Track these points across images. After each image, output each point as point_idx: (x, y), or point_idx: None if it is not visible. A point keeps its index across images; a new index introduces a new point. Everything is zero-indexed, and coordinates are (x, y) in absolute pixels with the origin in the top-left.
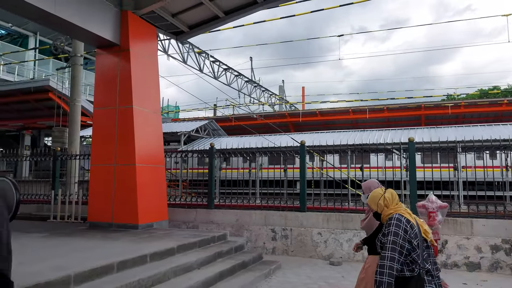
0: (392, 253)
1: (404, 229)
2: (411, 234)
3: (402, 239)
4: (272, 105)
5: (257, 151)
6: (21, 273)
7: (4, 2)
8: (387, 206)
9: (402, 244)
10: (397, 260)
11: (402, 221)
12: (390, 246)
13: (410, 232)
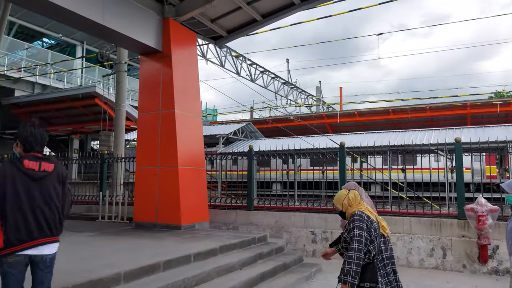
0: (359, 245)
1: (366, 224)
2: (370, 229)
3: (367, 233)
4: (309, 107)
5: (295, 153)
6: (75, 270)
7: (59, 14)
8: (350, 205)
9: (366, 237)
10: (364, 251)
11: (364, 216)
12: (356, 239)
13: (370, 226)
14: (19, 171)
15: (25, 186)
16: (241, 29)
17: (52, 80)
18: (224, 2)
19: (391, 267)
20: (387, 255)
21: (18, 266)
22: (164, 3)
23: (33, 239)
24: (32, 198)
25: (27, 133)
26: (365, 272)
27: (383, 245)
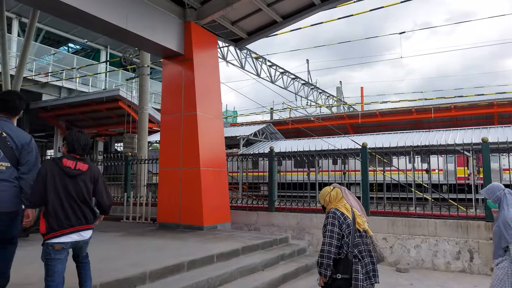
0: (330, 239)
1: (338, 220)
2: (342, 224)
3: (338, 229)
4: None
5: (316, 154)
6: (103, 269)
7: (85, 20)
8: (330, 202)
9: (337, 232)
10: (335, 245)
11: (337, 213)
12: (328, 234)
13: (343, 222)
14: (58, 167)
15: (62, 181)
16: (261, 31)
17: (78, 84)
18: (245, 4)
19: (369, 259)
20: (364, 248)
21: (63, 252)
22: (186, 7)
23: (72, 225)
24: (68, 192)
25: (73, 137)
26: (338, 265)
27: (359, 239)
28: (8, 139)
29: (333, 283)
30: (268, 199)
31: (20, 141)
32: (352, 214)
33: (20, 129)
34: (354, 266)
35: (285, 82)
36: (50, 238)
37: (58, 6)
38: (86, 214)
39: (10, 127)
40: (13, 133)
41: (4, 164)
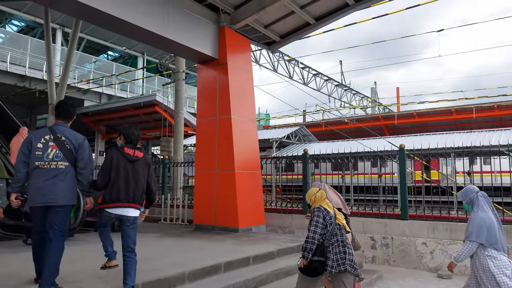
0: (315, 228)
1: (323, 214)
2: (325, 217)
3: (323, 220)
4: (364, 108)
5: (351, 156)
6: (145, 268)
7: (126, 29)
8: (316, 201)
9: (322, 222)
10: (319, 233)
11: (321, 209)
12: (314, 224)
13: (326, 216)
14: (121, 153)
15: (123, 164)
16: (294, 33)
17: (117, 90)
18: (277, 7)
19: (342, 248)
20: (341, 238)
21: (108, 219)
22: (220, 12)
23: (119, 201)
24: (126, 174)
25: (129, 131)
26: (316, 249)
27: (338, 231)
28: (67, 141)
29: (310, 264)
30: (302, 202)
31: (76, 142)
32: (333, 210)
33: (74, 131)
34: (328, 251)
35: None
36: (103, 206)
37: (101, 16)
38: (135, 194)
39: (66, 131)
40: (70, 136)
41: (64, 163)
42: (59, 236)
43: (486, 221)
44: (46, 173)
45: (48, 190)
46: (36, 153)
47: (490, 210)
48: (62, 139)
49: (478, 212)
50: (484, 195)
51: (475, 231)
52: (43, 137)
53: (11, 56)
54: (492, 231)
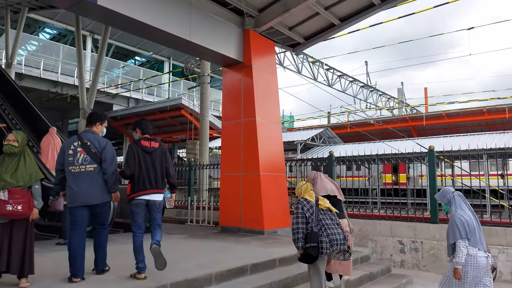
0: (296, 219)
1: (303, 205)
2: (306, 207)
3: (301, 210)
4: (390, 109)
5: (378, 158)
6: (173, 269)
7: (152, 34)
8: (301, 194)
9: (303, 214)
10: (301, 222)
11: (301, 201)
12: (295, 216)
13: (306, 205)
14: (139, 147)
15: (142, 156)
16: (318, 35)
17: (144, 94)
18: (302, 9)
19: (330, 230)
20: (326, 222)
21: (139, 206)
22: (244, 16)
23: (145, 189)
24: (146, 164)
25: (143, 123)
26: (307, 237)
27: (322, 215)
28: (92, 146)
29: (305, 251)
30: None
31: (100, 146)
32: (315, 198)
33: (99, 136)
34: (319, 236)
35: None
36: (131, 197)
37: (129, 22)
38: (157, 181)
39: (92, 136)
40: (94, 140)
41: (92, 166)
42: (103, 228)
43: (466, 219)
44: (79, 176)
45: (84, 191)
46: (69, 159)
47: (467, 209)
48: (87, 144)
49: (457, 211)
50: (460, 194)
51: (460, 229)
52: (73, 144)
53: (44, 63)
54: (471, 229)
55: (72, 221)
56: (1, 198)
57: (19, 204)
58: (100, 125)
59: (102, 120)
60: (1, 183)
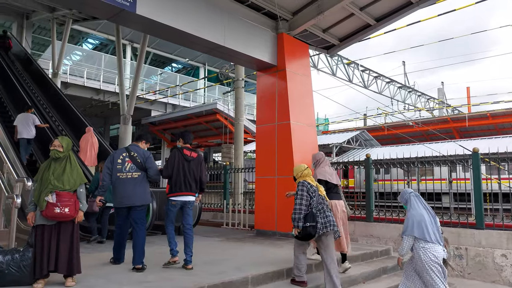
0: (301, 201)
1: (307, 188)
2: (310, 190)
3: (306, 193)
4: (430, 110)
5: (417, 161)
6: (210, 271)
7: (188, 41)
8: (301, 177)
9: (306, 196)
10: (304, 204)
11: (305, 184)
12: (299, 197)
13: (310, 189)
14: (181, 154)
15: (182, 163)
16: (353, 36)
17: (181, 100)
18: (336, 11)
19: (325, 213)
20: (323, 206)
21: (175, 206)
22: (278, 19)
23: (181, 191)
24: (184, 170)
25: (187, 135)
26: (307, 217)
27: (321, 200)
28: (138, 157)
29: (304, 230)
30: (365, 209)
31: (144, 156)
32: (316, 184)
33: (143, 149)
34: (317, 217)
35: (380, 87)
36: (170, 197)
37: (166, 30)
38: (192, 185)
39: (137, 149)
40: (139, 152)
41: (137, 173)
42: (142, 228)
43: (417, 217)
44: (126, 181)
45: (129, 194)
46: (117, 166)
47: (422, 207)
48: (134, 155)
49: (410, 210)
50: (416, 195)
51: (409, 227)
52: (121, 154)
53: (87, 71)
54: (422, 225)
55: (117, 220)
56: (50, 201)
57: (66, 207)
58: (144, 144)
59: (148, 141)
60: (49, 187)
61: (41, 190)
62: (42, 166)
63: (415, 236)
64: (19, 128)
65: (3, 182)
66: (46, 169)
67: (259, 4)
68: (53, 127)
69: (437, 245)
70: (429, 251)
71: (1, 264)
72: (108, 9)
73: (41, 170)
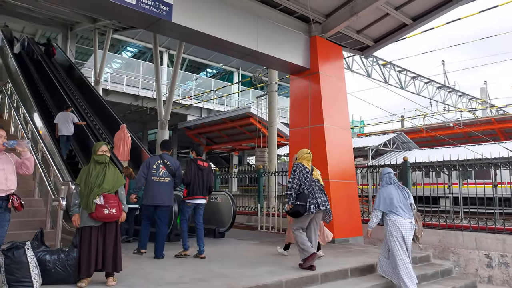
0: (292, 180)
1: (299, 169)
2: (302, 172)
3: (298, 173)
4: (473, 111)
5: (459, 164)
6: (245, 274)
7: (222, 46)
8: (299, 159)
9: (299, 176)
10: (296, 183)
11: (299, 165)
12: (292, 177)
13: (303, 171)
14: (196, 164)
15: (197, 172)
16: (389, 36)
17: (215, 105)
18: (370, 11)
19: (317, 194)
20: (315, 188)
21: (190, 207)
22: (311, 22)
23: (195, 195)
24: (199, 178)
25: (199, 148)
26: (299, 196)
27: (314, 183)
28: (170, 165)
29: (294, 207)
30: None
31: (175, 165)
32: (311, 167)
33: (173, 158)
34: (308, 197)
35: (417, 87)
36: (186, 199)
37: (201, 36)
38: (204, 190)
39: (169, 158)
40: (171, 160)
41: (168, 178)
42: (164, 225)
43: (385, 194)
44: (159, 184)
45: (159, 195)
46: (153, 171)
47: (391, 185)
48: (167, 163)
49: (381, 188)
50: (390, 176)
51: (377, 202)
52: (156, 161)
53: (126, 79)
54: (387, 201)
55: (144, 215)
56: (98, 203)
57: (113, 208)
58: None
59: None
60: (96, 189)
61: (87, 193)
62: (84, 170)
63: (382, 210)
64: (60, 125)
65: (50, 185)
66: (89, 173)
67: (292, 8)
68: (94, 131)
69: (403, 218)
70: (393, 223)
71: (48, 263)
72: (145, 19)
73: (83, 175)
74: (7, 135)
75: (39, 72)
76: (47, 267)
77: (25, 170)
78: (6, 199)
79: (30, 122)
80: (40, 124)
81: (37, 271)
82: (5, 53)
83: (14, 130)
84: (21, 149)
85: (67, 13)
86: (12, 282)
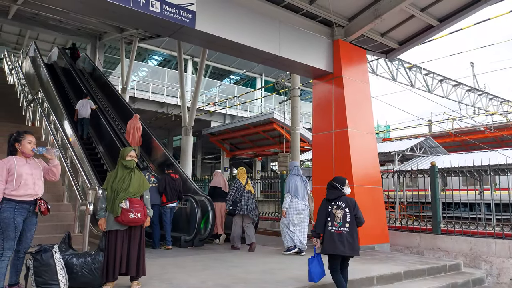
0: (230, 192)
1: (236, 184)
2: (238, 186)
3: (235, 187)
4: (504, 114)
5: (490, 169)
6: (267, 280)
7: (245, 52)
8: (238, 175)
9: (234, 189)
10: (233, 195)
11: (237, 181)
12: (231, 189)
13: (239, 185)
14: (170, 177)
15: (170, 182)
16: (414, 38)
17: (239, 111)
18: (395, 13)
19: (245, 202)
20: (245, 197)
21: (169, 209)
22: (333, 26)
23: (172, 200)
24: (172, 186)
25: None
26: (233, 203)
27: (244, 193)
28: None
29: (230, 210)
30: (432, 220)
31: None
32: (246, 182)
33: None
34: (238, 203)
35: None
36: (165, 204)
37: (224, 43)
38: (176, 196)
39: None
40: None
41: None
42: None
43: (292, 181)
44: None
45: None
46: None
47: (295, 175)
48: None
49: (288, 177)
50: (298, 168)
51: (287, 187)
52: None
53: (152, 86)
54: (292, 186)
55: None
56: (124, 207)
57: (138, 212)
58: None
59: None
60: (122, 194)
61: (114, 197)
62: (111, 175)
63: (290, 194)
64: (80, 110)
65: (78, 190)
66: (115, 177)
67: (314, 12)
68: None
69: (300, 201)
70: (293, 204)
71: (75, 267)
72: (169, 26)
73: (110, 179)
74: (38, 142)
75: (69, 81)
76: (74, 270)
77: (51, 177)
78: (33, 203)
79: (60, 129)
80: (70, 131)
81: (64, 273)
82: (37, 64)
83: (45, 137)
84: (49, 156)
85: (96, 23)
86: (41, 284)
